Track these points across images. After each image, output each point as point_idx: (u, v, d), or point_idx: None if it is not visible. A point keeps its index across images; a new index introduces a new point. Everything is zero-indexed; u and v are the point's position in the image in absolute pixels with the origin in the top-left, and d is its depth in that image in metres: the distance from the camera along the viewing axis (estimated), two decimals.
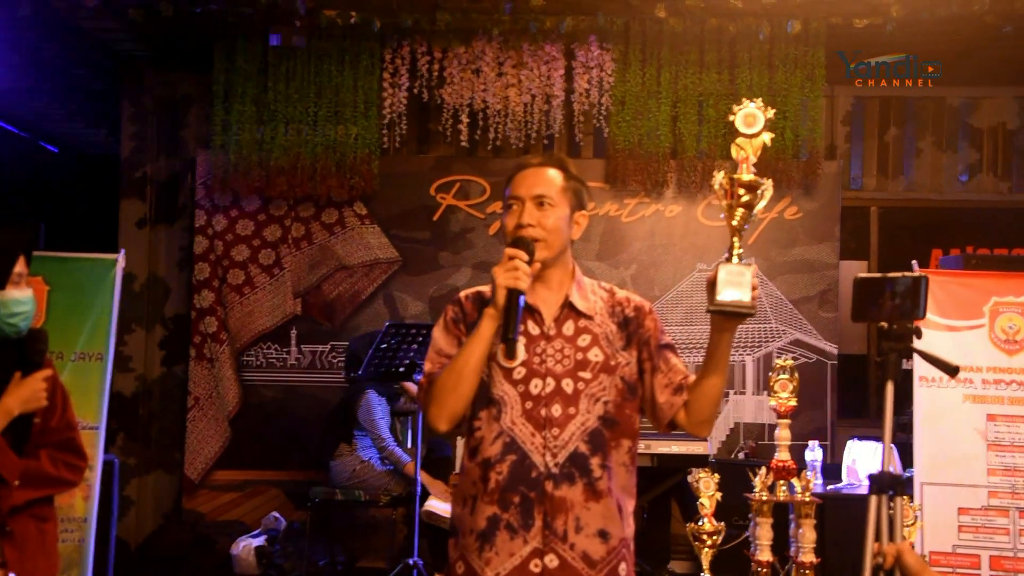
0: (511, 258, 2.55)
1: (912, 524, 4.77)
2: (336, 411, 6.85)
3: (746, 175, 2.57)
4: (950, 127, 7.91)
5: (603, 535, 2.60)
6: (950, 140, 7.91)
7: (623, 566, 2.65)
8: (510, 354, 2.59)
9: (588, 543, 2.58)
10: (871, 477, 2.63)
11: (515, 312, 2.53)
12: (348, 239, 7.65)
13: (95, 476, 5.66)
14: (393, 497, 6.54)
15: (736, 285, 2.51)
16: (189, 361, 7.62)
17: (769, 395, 5.28)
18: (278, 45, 7.31)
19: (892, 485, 2.64)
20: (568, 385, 2.62)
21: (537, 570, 2.56)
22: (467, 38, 7.26)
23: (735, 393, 7.48)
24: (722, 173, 2.60)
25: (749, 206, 2.58)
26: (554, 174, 2.70)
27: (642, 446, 6.27)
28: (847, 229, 7.75)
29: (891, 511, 2.69)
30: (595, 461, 2.60)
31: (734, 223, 2.58)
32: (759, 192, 2.57)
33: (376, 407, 6.59)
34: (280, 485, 7.51)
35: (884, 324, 2.70)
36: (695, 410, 2.67)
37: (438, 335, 2.73)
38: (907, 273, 2.68)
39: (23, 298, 3.17)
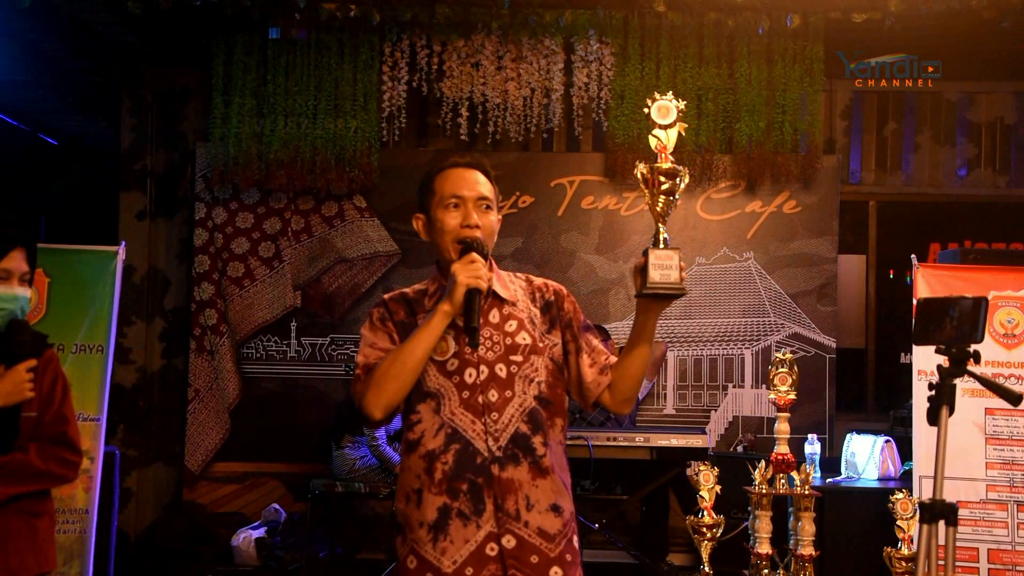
0: (472, 261, 2.62)
1: (911, 517, 4.78)
2: (345, 403, 6.87)
3: (665, 164, 2.68)
4: (948, 122, 7.93)
5: (556, 509, 2.65)
6: (948, 135, 7.93)
7: (575, 538, 2.71)
8: (474, 343, 2.64)
9: (542, 519, 2.63)
10: (922, 505, 2.57)
11: (477, 306, 2.60)
12: (348, 232, 7.66)
13: (96, 468, 5.67)
14: (393, 490, 6.55)
15: (666, 268, 2.59)
16: (189, 353, 7.63)
17: (768, 388, 5.30)
18: (277, 38, 7.32)
19: (944, 514, 2.57)
20: (501, 370, 2.67)
21: (493, 553, 2.59)
22: (466, 32, 7.27)
23: (734, 386, 7.50)
24: (643, 163, 2.71)
25: (670, 192, 2.69)
26: (484, 178, 2.78)
27: (641, 439, 6.33)
28: (845, 223, 7.77)
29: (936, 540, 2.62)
30: (537, 440, 2.65)
31: (658, 209, 2.68)
32: (677, 180, 2.69)
33: None
34: (280, 477, 7.54)
35: (943, 347, 2.64)
36: (619, 389, 2.75)
37: (367, 333, 2.76)
38: (967, 295, 2.62)
39: (3, 295, 3.12)
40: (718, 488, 5.03)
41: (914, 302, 5.59)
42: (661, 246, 2.63)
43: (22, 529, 3.18)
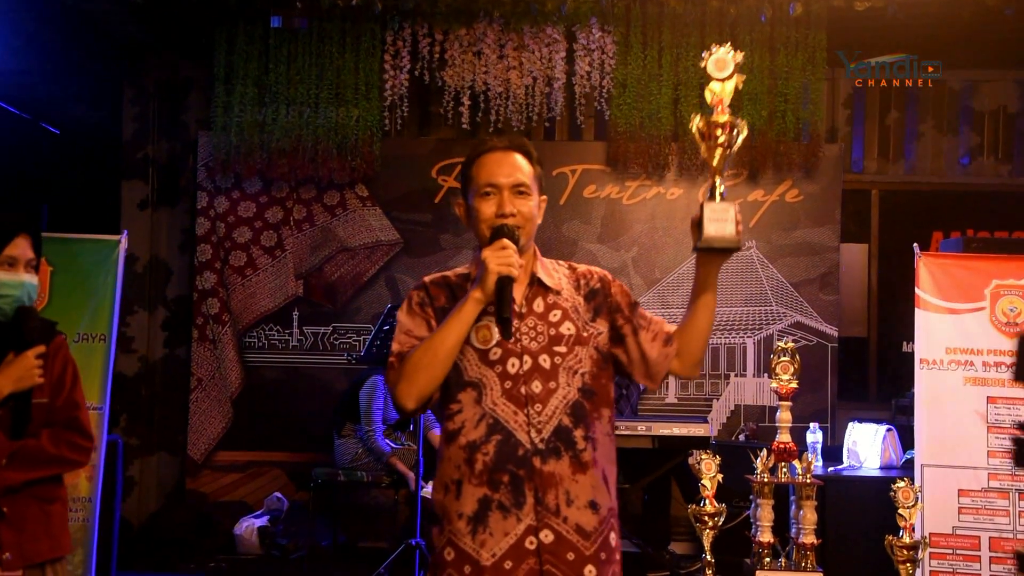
0: (504, 247, 2.56)
1: (913, 506, 4.78)
2: (347, 392, 6.88)
3: (722, 117, 2.67)
4: (951, 110, 7.91)
5: (593, 506, 2.60)
6: (951, 123, 7.91)
7: (613, 535, 2.65)
8: (507, 335, 2.60)
9: (580, 515, 2.58)
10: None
11: (508, 295, 2.56)
12: (350, 221, 7.66)
13: (99, 456, 5.67)
14: (395, 479, 6.57)
15: (721, 221, 2.57)
16: (191, 342, 7.64)
17: (770, 377, 5.30)
18: (279, 27, 7.30)
19: None
20: (545, 361, 2.62)
21: (532, 547, 2.54)
22: (468, 20, 7.25)
23: (736, 375, 7.50)
24: (699, 116, 2.70)
25: (727, 145, 2.67)
26: (523, 160, 2.71)
27: (643, 428, 6.34)
28: (848, 212, 7.76)
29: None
30: (579, 433, 2.60)
31: (714, 163, 2.66)
32: (734, 132, 2.67)
33: (380, 395, 6.60)
34: (282, 466, 7.55)
35: None
36: (688, 352, 2.72)
37: (404, 318, 2.72)
38: None
39: (9, 281, 3.13)
40: (720, 477, 5.03)
41: (917, 292, 5.60)
42: (717, 199, 2.60)
43: (36, 515, 3.19)
